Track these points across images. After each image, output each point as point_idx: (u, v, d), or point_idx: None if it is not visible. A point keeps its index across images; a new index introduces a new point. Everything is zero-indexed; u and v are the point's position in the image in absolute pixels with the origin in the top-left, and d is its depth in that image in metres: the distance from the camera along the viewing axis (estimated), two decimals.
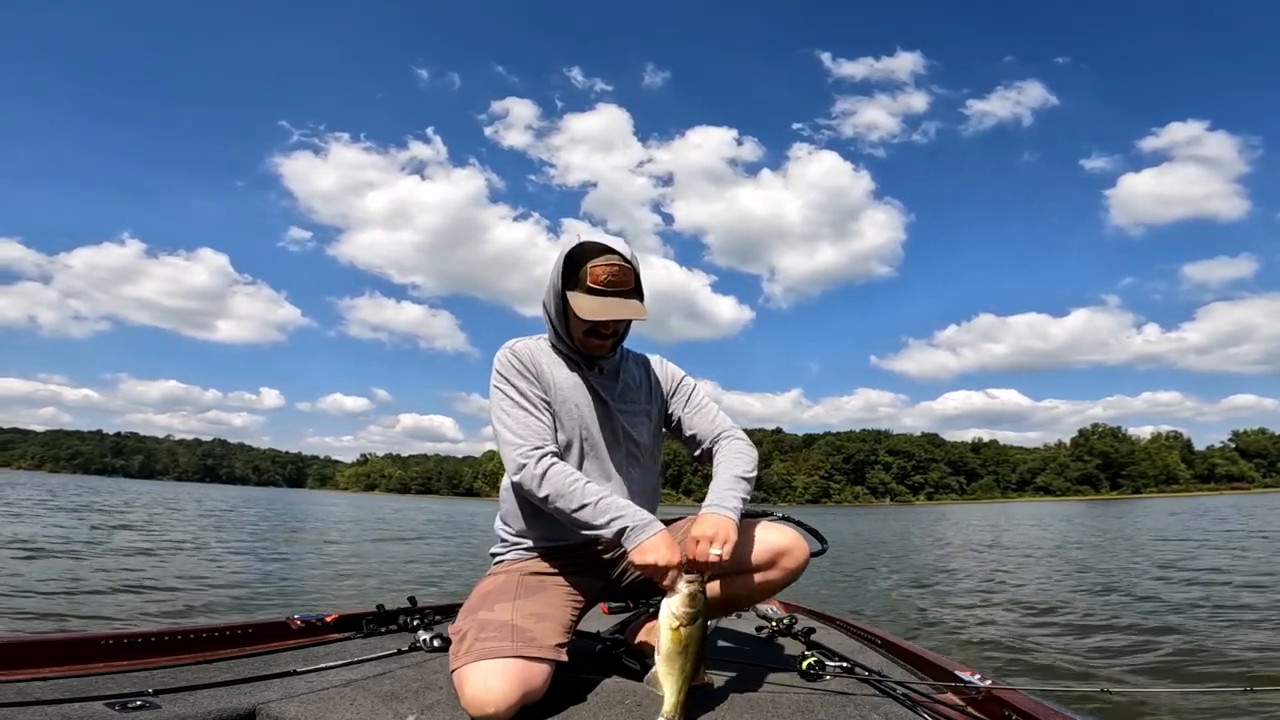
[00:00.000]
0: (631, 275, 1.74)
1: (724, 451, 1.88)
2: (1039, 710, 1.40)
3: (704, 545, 1.56)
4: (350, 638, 2.20)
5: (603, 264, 1.71)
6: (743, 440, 1.92)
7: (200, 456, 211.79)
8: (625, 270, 1.73)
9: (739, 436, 1.93)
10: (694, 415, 1.96)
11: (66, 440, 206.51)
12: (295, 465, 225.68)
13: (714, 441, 1.93)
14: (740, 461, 1.83)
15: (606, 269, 1.71)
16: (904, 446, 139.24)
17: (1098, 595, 6.66)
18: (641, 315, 1.75)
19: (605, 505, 1.62)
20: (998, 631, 5.03)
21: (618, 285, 1.73)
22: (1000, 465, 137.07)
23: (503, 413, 1.75)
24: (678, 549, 1.58)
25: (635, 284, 1.76)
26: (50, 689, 1.37)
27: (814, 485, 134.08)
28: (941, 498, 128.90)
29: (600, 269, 1.71)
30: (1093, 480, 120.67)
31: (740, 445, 1.90)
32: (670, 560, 1.53)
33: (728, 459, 1.85)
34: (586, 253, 1.72)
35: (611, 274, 1.71)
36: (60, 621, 4.33)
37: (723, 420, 1.97)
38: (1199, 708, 2.88)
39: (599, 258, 1.71)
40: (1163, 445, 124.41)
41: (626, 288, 1.74)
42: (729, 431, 1.94)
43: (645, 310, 1.76)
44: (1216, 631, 4.69)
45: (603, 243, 1.72)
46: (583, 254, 1.72)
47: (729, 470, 1.79)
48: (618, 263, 1.71)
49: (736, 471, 1.79)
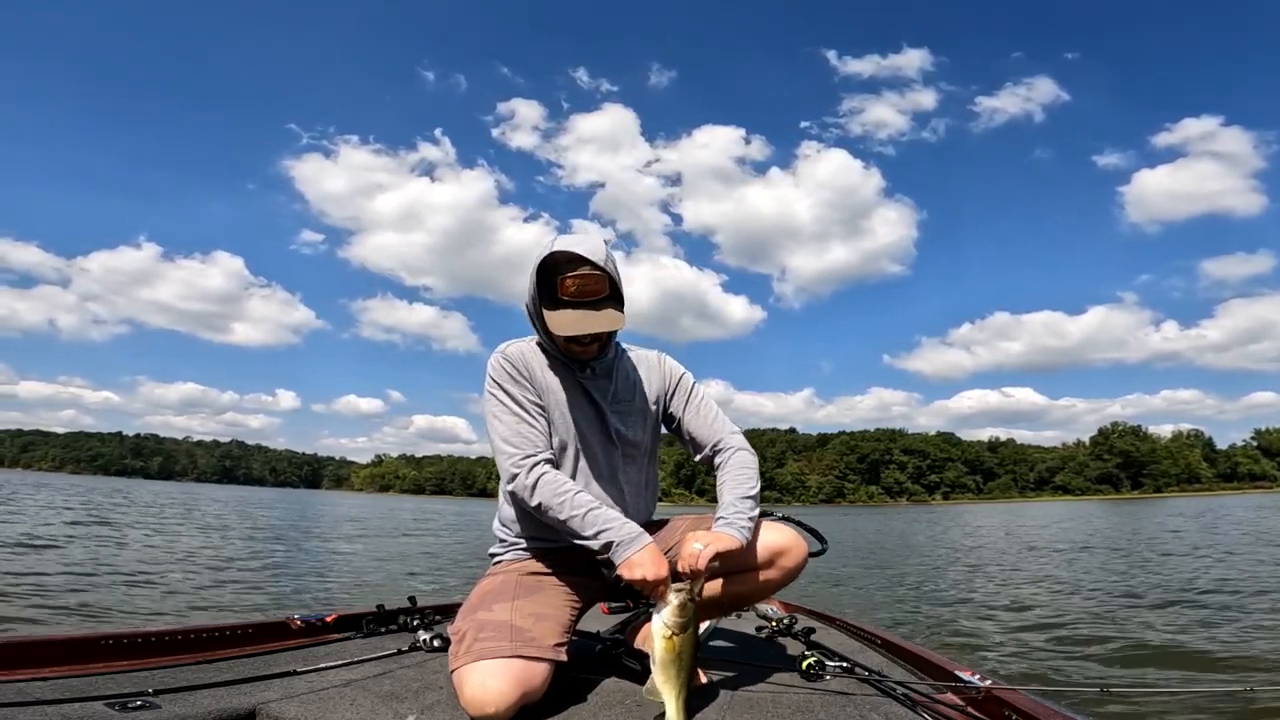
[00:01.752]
0: (605, 282, 1.71)
1: (729, 467, 1.85)
2: (1039, 710, 1.39)
3: (695, 551, 1.57)
4: (350, 638, 2.20)
5: (573, 276, 1.67)
6: (746, 451, 1.89)
7: (218, 458, 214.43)
8: (597, 279, 1.69)
9: (742, 446, 1.90)
10: (694, 417, 1.94)
11: (87, 442, 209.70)
12: (311, 466, 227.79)
13: (715, 449, 1.91)
14: (745, 480, 1.81)
15: (576, 280, 1.68)
16: (919, 446, 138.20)
17: (1102, 595, 6.62)
18: (616, 325, 1.72)
19: (593, 518, 1.61)
20: (1000, 631, 5.02)
21: (590, 295, 1.70)
22: (1018, 464, 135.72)
23: (495, 419, 1.74)
24: (664, 561, 1.57)
25: (611, 290, 1.73)
26: (50, 689, 1.37)
27: (828, 485, 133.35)
28: (958, 497, 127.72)
29: (570, 281, 1.68)
30: (1113, 479, 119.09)
31: (744, 458, 1.87)
32: (657, 574, 1.53)
33: (733, 476, 1.82)
34: (558, 264, 1.69)
35: (582, 285, 1.68)
36: (67, 617, 4.38)
37: (723, 424, 1.94)
38: (1199, 708, 2.88)
39: (569, 270, 1.68)
40: (1184, 444, 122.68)
41: (599, 296, 1.71)
42: (731, 440, 1.91)
43: (621, 318, 1.73)
44: (1217, 631, 4.67)
45: (574, 251, 1.67)
46: (554, 265, 1.69)
47: (734, 491, 1.78)
48: (588, 272, 1.67)
49: (741, 492, 1.77)
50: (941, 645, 4.54)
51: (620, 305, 1.75)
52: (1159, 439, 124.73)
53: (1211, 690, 3.24)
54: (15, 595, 4.99)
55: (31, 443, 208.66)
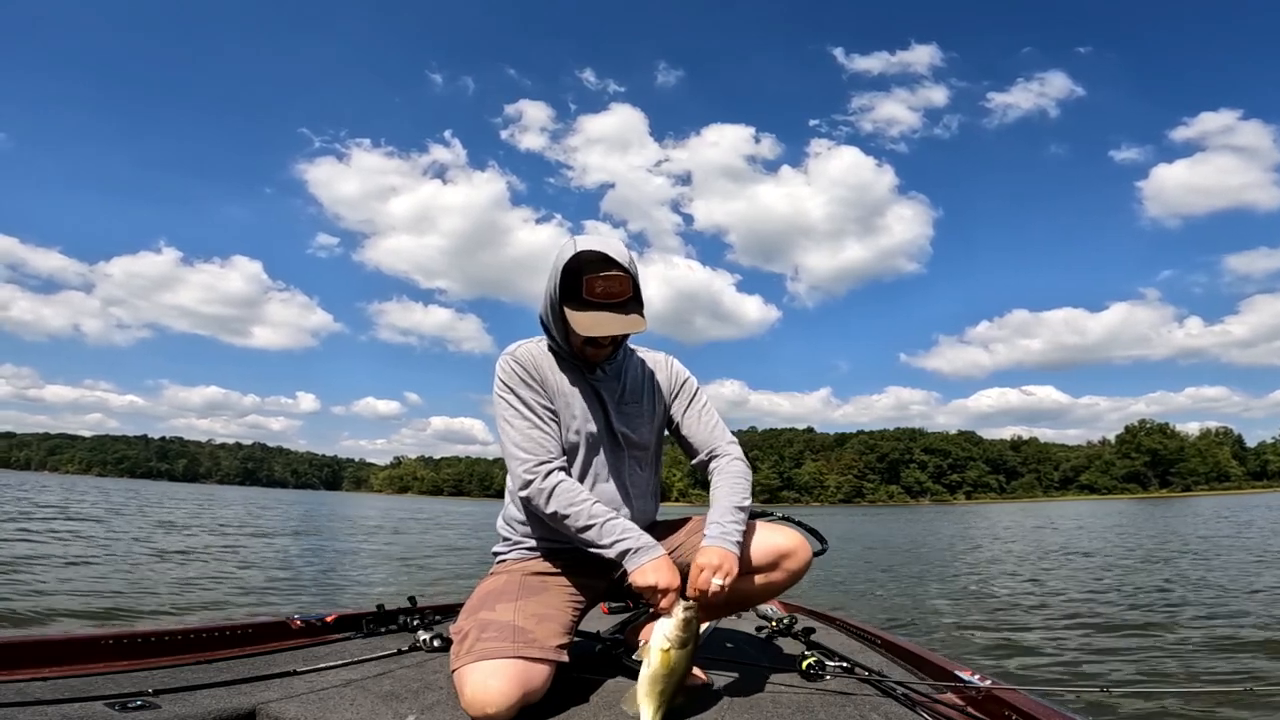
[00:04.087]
0: (630, 284, 1.70)
1: (723, 475, 1.85)
2: (1039, 710, 1.38)
3: (708, 574, 1.58)
4: (350, 638, 2.21)
5: (600, 277, 1.67)
6: (741, 461, 1.90)
7: (241, 460, 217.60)
8: (623, 280, 1.68)
9: (737, 456, 1.90)
10: (694, 422, 1.94)
11: (113, 445, 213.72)
12: (331, 468, 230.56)
13: (711, 455, 1.91)
14: (739, 490, 1.81)
15: (603, 282, 1.67)
16: (940, 445, 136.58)
17: (1108, 595, 6.57)
18: (639, 328, 1.71)
19: (610, 527, 1.63)
20: (1002, 631, 4.99)
21: (615, 297, 1.69)
22: (1042, 463, 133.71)
23: (507, 424, 1.74)
24: (676, 572, 1.58)
25: (634, 293, 1.72)
26: (50, 689, 1.38)
27: (847, 485, 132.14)
28: (981, 496, 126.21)
29: (597, 282, 1.67)
30: (1141, 478, 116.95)
31: (738, 468, 1.87)
32: (669, 583, 1.54)
33: (726, 485, 1.82)
34: (584, 264, 1.68)
35: (609, 287, 1.67)
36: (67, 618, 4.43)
37: (722, 432, 1.94)
38: (1199, 707, 2.87)
39: (596, 271, 1.67)
40: (1213, 442, 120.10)
41: (624, 298, 1.71)
42: (727, 449, 1.91)
43: (644, 322, 1.72)
44: (1218, 631, 4.64)
45: (601, 252, 1.67)
46: (579, 266, 1.68)
47: (729, 500, 1.77)
48: (615, 273, 1.67)
49: (735, 502, 1.77)
50: (943, 645, 4.53)
51: (642, 308, 1.75)
52: (1187, 437, 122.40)
53: (1211, 690, 3.23)
54: (14, 595, 5.04)
55: (59, 446, 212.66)
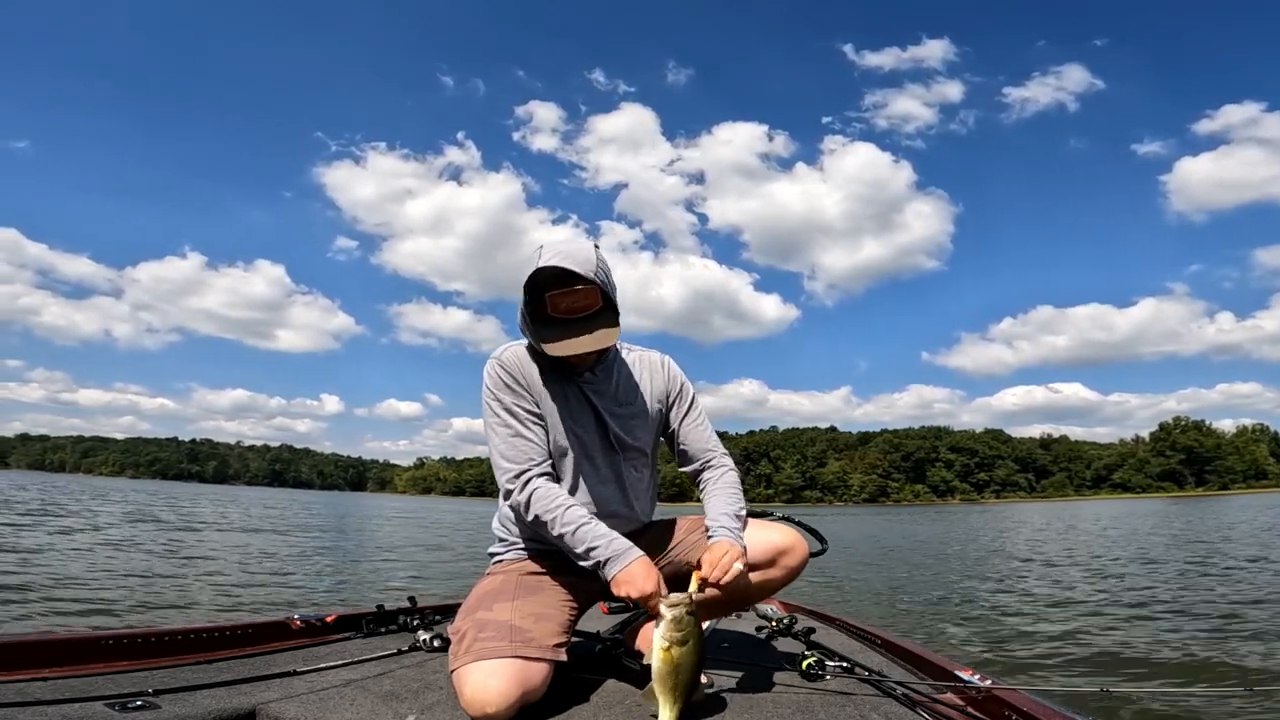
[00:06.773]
0: (598, 295, 1.65)
1: (717, 483, 1.85)
2: (1039, 710, 1.37)
3: (728, 559, 1.59)
4: (350, 638, 2.22)
5: (563, 294, 1.63)
6: (734, 471, 1.91)
7: (269, 462, 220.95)
8: (589, 293, 1.64)
9: (730, 466, 1.91)
10: (690, 429, 1.93)
11: (145, 447, 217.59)
12: (356, 470, 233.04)
13: (705, 464, 1.90)
14: (735, 498, 1.81)
15: (567, 298, 1.64)
16: (967, 443, 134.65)
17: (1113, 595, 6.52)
18: (609, 342, 1.66)
19: (583, 534, 1.61)
20: (1003, 631, 4.97)
21: (580, 312, 1.65)
22: (1073, 462, 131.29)
23: (491, 431, 1.74)
24: (655, 574, 1.56)
25: (604, 302, 1.68)
26: (50, 689, 1.39)
27: (871, 484, 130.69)
28: (1010, 495, 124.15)
29: (561, 299, 1.64)
30: (1176, 476, 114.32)
31: (732, 478, 1.88)
32: (647, 589, 1.52)
33: (723, 493, 1.82)
34: (545, 280, 1.63)
35: (573, 303, 1.64)
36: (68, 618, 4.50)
37: (714, 441, 1.94)
38: (1199, 708, 2.85)
39: (558, 287, 1.63)
40: (1250, 439, 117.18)
41: (591, 310, 1.66)
42: (721, 459, 1.91)
43: (614, 334, 1.67)
44: (1219, 631, 4.62)
45: (562, 267, 1.60)
46: (542, 281, 1.64)
47: (728, 506, 1.78)
48: (579, 288, 1.63)
49: (734, 510, 1.77)
50: (946, 645, 4.51)
51: (614, 317, 1.70)
52: (1223, 434, 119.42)
53: (1211, 690, 3.23)
54: (13, 596, 5.11)
55: (92, 449, 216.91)
